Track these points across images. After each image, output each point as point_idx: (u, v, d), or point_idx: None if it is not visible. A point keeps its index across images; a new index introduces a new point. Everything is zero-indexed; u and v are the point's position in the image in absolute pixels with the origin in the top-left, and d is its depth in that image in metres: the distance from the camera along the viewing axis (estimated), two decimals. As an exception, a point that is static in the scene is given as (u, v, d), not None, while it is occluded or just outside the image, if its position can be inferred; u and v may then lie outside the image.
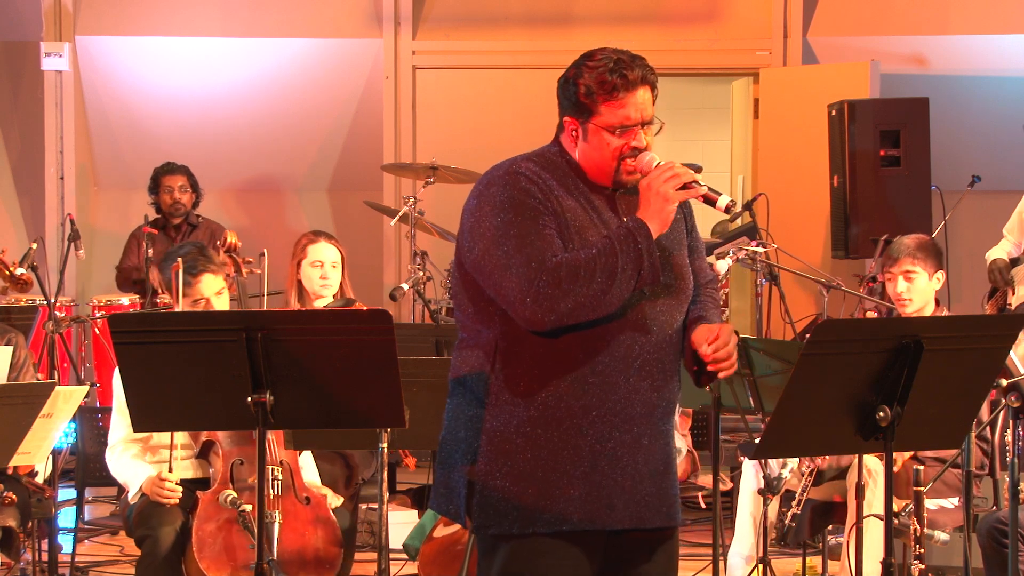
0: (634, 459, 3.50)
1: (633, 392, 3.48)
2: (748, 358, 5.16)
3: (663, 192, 3.44)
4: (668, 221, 3.46)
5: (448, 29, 10.15)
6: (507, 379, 3.47)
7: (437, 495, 3.60)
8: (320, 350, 3.76)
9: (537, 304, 3.36)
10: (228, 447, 5.17)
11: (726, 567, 5.73)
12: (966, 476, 4.78)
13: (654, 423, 3.53)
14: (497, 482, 3.46)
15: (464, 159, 8.82)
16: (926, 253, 5.55)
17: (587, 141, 3.52)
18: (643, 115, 3.51)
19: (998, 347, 3.75)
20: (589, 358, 3.44)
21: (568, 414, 3.45)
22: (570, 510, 3.46)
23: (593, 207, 3.51)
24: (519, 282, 3.37)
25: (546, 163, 3.53)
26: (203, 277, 5.37)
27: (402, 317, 9.19)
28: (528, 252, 3.38)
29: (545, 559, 3.47)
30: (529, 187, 3.44)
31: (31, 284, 6.86)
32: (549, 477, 3.45)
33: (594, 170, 3.53)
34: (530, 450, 3.45)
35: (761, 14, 10.02)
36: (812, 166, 9.21)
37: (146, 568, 5.07)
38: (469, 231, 3.47)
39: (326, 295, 6.41)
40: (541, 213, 3.42)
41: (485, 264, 3.42)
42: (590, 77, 3.49)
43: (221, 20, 10.05)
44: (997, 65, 9.78)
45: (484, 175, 3.55)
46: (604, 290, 3.37)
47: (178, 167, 8.92)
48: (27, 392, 4.62)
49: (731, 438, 7.91)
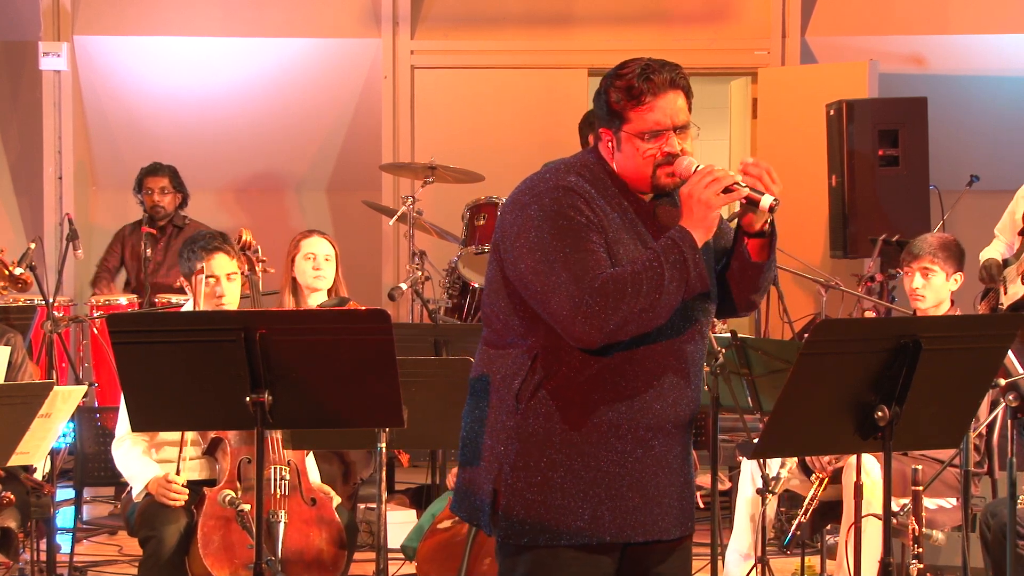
0: (658, 473, 3.51)
1: (662, 407, 3.49)
2: (747, 358, 5.16)
3: (705, 199, 3.39)
4: (712, 228, 3.42)
5: (447, 29, 10.15)
6: (543, 390, 3.45)
7: (460, 500, 3.60)
8: (319, 350, 3.76)
9: (588, 323, 3.34)
10: (236, 445, 5.17)
11: (724, 566, 5.74)
12: (964, 475, 4.79)
13: (678, 437, 3.55)
14: (525, 493, 3.46)
15: (463, 159, 8.82)
16: (947, 253, 5.57)
17: (621, 151, 3.49)
18: (674, 120, 3.46)
19: (997, 347, 3.75)
20: (624, 372, 3.44)
21: (599, 428, 3.46)
22: (596, 524, 3.46)
23: (630, 219, 3.49)
24: (568, 302, 3.34)
25: (588, 174, 3.50)
26: (217, 255, 5.39)
27: (400, 317, 9.18)
28: (576, 271, 3.36)
29: (568, 569, 3.48)
30: (578, 203, 3.42)
31: (30, 284, 6.86)
32: (578, 491, 3.45)
33: (633, 179, 3.50)
34: (561, 463, 3.45)
35: (760, 14, 10.02)
36: (810, 166, 9.20)
37: (149, 568, 5.07)
38: (514, 242, 3.44)
39: (320, 288, 6.42)
40: (589, 229, 3.40)
41: (533, 281, 3.40)
42: (620, 85, 3.47)
43: (220, 20, 10.05)
44: (996, 65, 9.78)
45: (527, 183, 3.51)
46: (653, 303, 3.35)
47: (163, 168, 8.80)
48: (25, 392, 4.62)
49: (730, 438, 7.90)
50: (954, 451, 5.06)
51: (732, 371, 5.14)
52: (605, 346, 3.39)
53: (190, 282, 5.43)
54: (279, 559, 4.91)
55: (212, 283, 5.37)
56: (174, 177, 8.81)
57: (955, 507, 5.43)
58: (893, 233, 8.08)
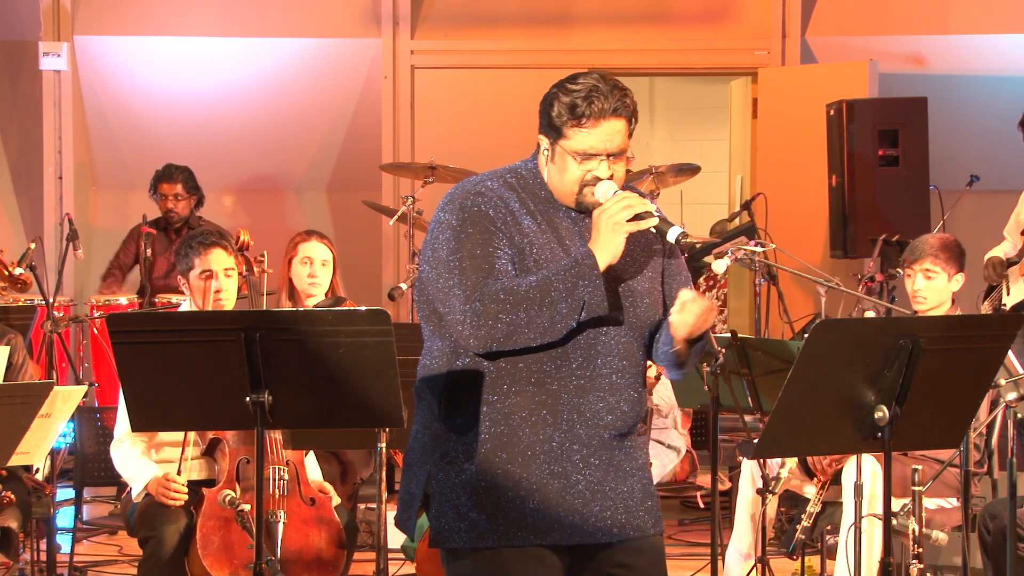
0: (583, 477, 3.49)
1: (584, 413, 3.48)
2: (747, 358, 5.16)
3: (615, 222, 3.43)
4: (618, 252, 3.45)
5: (447, 29, 10.15)
6: (460, 394, 3.49)
7: (398, 504, 3.62)
8: (319, 350, 3.76)
9: (476, 327, 3.39)
10: (235, 445, 5.17)
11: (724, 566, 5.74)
12: (964, 475, 4.79)
13: (608, 442, 3.52)
14: (450, 496, 3.48)
15: (462, 159, 8.82)
16: (948, 254, 5.56)
17: (554, 162, 3.53)
18: (608, 147, 3.48)
19: (997, 347, 3.75)
20: (540, 379, 3.46)
21: (519, 432, 3.47)
22: (523, 525, 3.46)
23: (554, 229, 3.52)
24: (460, 304, 3.40)
25: (518, 180, 3.55)
26: (214, 250, 5.39)
27: (400, 317, 9.19)
28: (473, 276, 3.41)
29: (513, 569, 3.48)
30: (486, 209, 3.47)
31: (30, 284, 6.86)
32: (500, 494, 3.46)
33: (559, 192, 3.54)
34: (481, 466, 3.47)
35: (760, 14, 10.02)
36: (810, 166, 9.21)
37: (149, 569, 5.06)
38: (425, 247, 3.52)
39: (315, 294, 6.41)
40: (494, 235, 3.45)
41: (435, 283, 3.47)
42: (564, 101, 3.49)
43: (219, 20, 10.05)
44: (996, 65, 9.78)
45: (450, 191, 3.59)
46: (545, 318, 3.38)
47: (177, 172, 8.72)
48: (25, 392, 4.62)
49: (730, 438, 7.91)
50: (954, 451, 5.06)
51: (732, 371, 5.15)
52: (517, 354, 3.42)
53: (187, 280, 5.43)
54: (279, 559, 4.91)
55: (211, 278, 5.36)
56: (188, 181, 8.70)
57: (955, 507, 5.42)
58: (893, 233, 8.08)
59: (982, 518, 5.21)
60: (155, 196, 8.80)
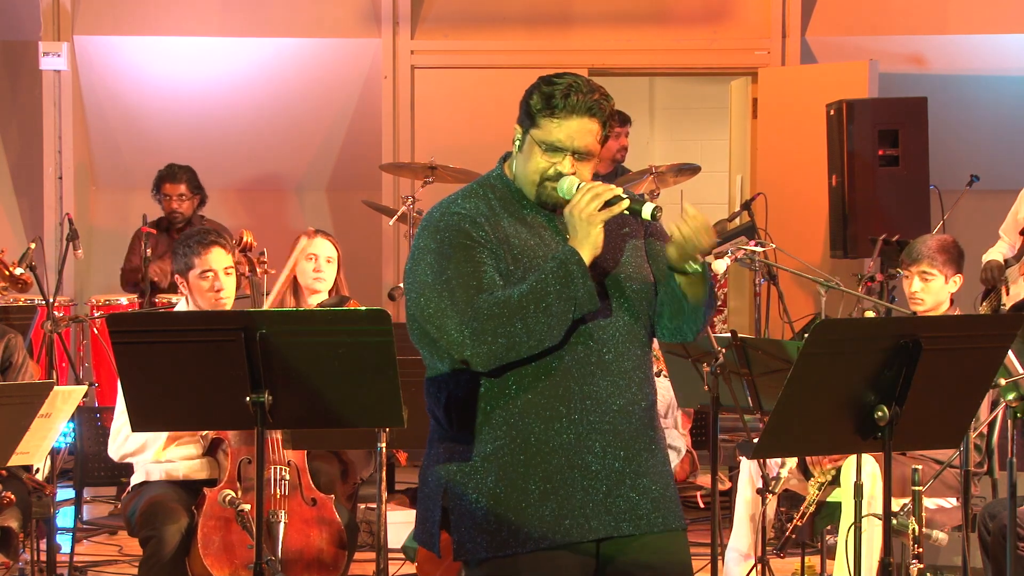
0: (604, 466, 3.49)
1: (594, 405, 3.48)
2: (747, 358, 5.16)
3: (587, 214, 3.43)
4: (599, 244, 3.46)
5: (447, 29, 10.15)
6: (468, 404, 3.49)
7: (417, 523, 3.63)
8: (319, 350, 3.76)
9: (475, 348, 3.39)
10: (236, 445, 5.17)
11: (724, 566, 5.74)
12: (964, 475, 4.79)
13: (623, 432, 3.52)
14: (468, 507, 3.48)
15: (462, 159, 8.82)
16: (946, 256, 5.56)
17: (522, 151, 3.56)
18: (576, 144, 3.50)
19: (997, 347, 3.75)
20: (546, 373, 3.46)
21: (534, 430, 3.47)
22: (543, 528, 3.46)
23: (533, 229, 3.54)
24: (456, 326, 3.40)
25: (489, 189, 3.57)
26: (213, 249, 5.37)
27: (400, 317, 9.10)
28: (463, 294, 3.41)
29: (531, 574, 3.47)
30: (463, 225, 3.47)
31: (30, 284, 6.86)
32: (518, 498, 3.46)
33: (520, 180, 3.56)
34: (496, 472, 3.47)
35: (760, 14, 10.02)
36: (810, 166, 9.21)
37: (150, 568, 5.06)
38: (407, 277, 3.52)
39: (320, 290, 6.42)
40: (476, 250, 3.45)
41: (425, 310, 3.46)
42: (544, 91, 3.53)
43: (219, 19, 10.05)
44: (996, 65, 9.78)
45: (422, 219, 3.59)
46: (542, 324, 3.38)
47: (180, 172, 8.70)
48: (25, 392, 4.62)
49: (730, 438, 7.91)
50: (954, 451, 5.06)
51: (732, 371, 5.15)
52: (520, 362, 3.43)
53: (186, 279, 5.41)
54: (279, 559, 4.91)
55: (211, 277, 5.35)
56: (191, 181, 8.68)
57: (955, 507, 5.43)
58: (893, 233, 8.08)
59: (982, 518, 5.21)
60: (158, 196, 8.79)
